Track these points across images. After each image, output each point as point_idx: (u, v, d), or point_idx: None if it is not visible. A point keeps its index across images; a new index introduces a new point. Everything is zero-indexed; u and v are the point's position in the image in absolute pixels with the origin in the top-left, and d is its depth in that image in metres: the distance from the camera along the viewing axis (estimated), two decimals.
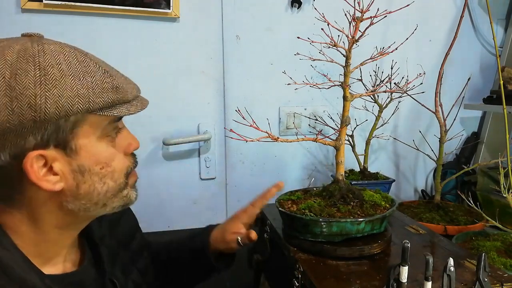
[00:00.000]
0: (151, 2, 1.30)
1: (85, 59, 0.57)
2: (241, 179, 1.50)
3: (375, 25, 1.51)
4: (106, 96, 0.56)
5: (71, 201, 0.58)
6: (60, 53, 0.55)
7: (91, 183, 0.58)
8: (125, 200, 0.64)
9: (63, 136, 0.54)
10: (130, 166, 0.64)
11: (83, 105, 0.54)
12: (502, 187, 1.07)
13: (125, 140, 0.64)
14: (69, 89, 0.53)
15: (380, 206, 0.93)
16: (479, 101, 1.64)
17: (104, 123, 0.59)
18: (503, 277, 0.80)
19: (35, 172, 0.53)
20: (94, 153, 0.58)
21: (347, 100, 0.95)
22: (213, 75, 1.43)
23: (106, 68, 0.59)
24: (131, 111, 0.60)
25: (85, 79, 0.55)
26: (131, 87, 0.61)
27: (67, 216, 0.60)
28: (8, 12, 1.22)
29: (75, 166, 0.57)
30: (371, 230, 0.89)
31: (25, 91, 0.51)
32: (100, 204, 0.61)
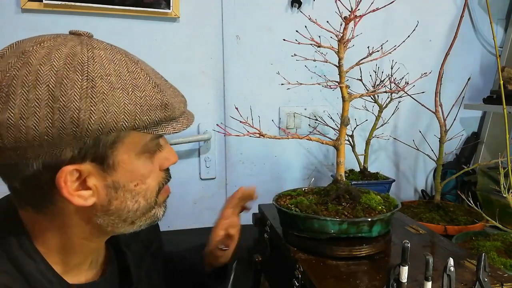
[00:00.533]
0: (151, 2, 1.30)
1: (136, 69, 0.53)
2: (241, 179, 1.50)
3: (375, 25, 1.52)
4: (154, 114, 0.52)
5: (101, 216, 0.55)
6: (111, 62, 0.51)
7: (123, 200, 0.55)
8: (153, 218, 0.61)
9: (102, 151, 0.51)
10: (162, 182, 0.61)
11: (129, 122, 0.50)
12: (502, 187, 1.07)
13: (164, 155, 0.61)
14: (116, 104, 0.49)
15: (375, 210, 0.91)
16: (479, 101, 1.64)
17: (147, 140, 0.55)
18: (503, 277, 0.80)
19: (68, 188, 0.50)
20: (131, 169, 0.54)
21: (345, 100, 0.95)
22: (213, 75, 1.43)
23: (157, 80, 0.55)
24: (176, 129, 0.56)
25: (134, 94, 0.50)
26: (179, 102, 0.58)
27: (94, 229, 0.57)
28: (8, 12, 1.22)
29: (110, 182, 0.53)
30: (357, 232, 0.88)
31: (69, 104, 0.46)
32: (129, 221, 0.58)
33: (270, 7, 1.44)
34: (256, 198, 0.93)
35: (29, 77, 0.46)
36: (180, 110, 0.57)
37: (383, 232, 0.91)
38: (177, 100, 0.57)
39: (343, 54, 0.94)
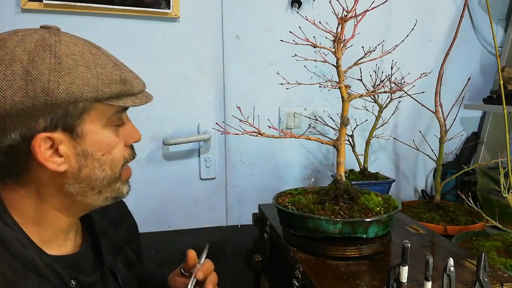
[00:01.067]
0: (151, 2, 1.30)
1: (97, 52, 0.61)
2: (241, 179, 1.50)
3: (375, 26, 1.52)
4: (114, 87, 0.60)
5: (72, 184, 0.62)
6: (75, 45, 0.59)
7: (92, 168, 0.62)
8: (117, 193, 0.67)
9: (71, 121, 0.58)
10: (127, 157, 0.68)
11: (92, 93, 0.58)
12: (502, 187, 1.07)
13: (127, 131, 0.67)
14: (80, 78, 0.57)
15: (372, 211, 0.91)
16: (479, 101, 1.64)
17: (110, 113, 0.62)
18: (503, 277, 0.80)
19: (42, 153, 0.57)
20: (98, 139, 0.62)
21: (345, 100, 0.95)
22: (213, 75, 1.43)
23: (116, 62, 0.63)
24: (136, 103, 0.64)
25: (95, 70, 0.59)
26: (137, 81, 0.65)
27: (66, 199, 0.63)
28: (8, 12, 1.22)
29: (79, 150, 0.60)
30: (352, 233, 0.88)
31: (40, 76, 0.54)
32: (96, 190, 0.64)
33: (270, 7, 1.44)
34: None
35: (6, 56, 0.55)
36: (138, 88, 0.65)
37: (380, 233, 0.91)
38: (136, 80, 0.65)
39: (341, 54, 0.94)
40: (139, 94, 0.65)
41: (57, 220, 0.64)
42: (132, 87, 0.63)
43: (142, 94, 0.66)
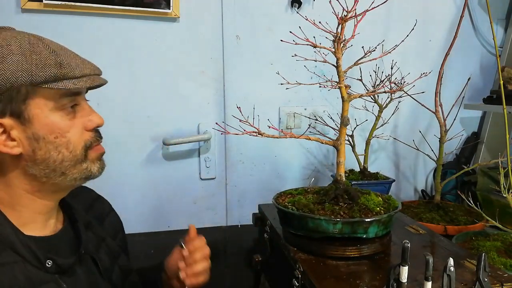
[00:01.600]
0: (151, 2, 1.30)
1: (37, 42, 0.65)
2: (241, 179, 1.50)
3: (375, 25, 1.52)
4: (48, 71, 0.63)
5: (31, 166, 0.65)
6: (14, 37, 0.63)
7: (46, 150, 0.65)
8: (86, 172, 0.70)
9: (16, 106, 0.62)
10: (90, 140, 0.70)
11: (26, 78, 0.61)
12: (502, 187, 1.07)
13: (86, 115, 0.70)
14: (14, 64, 0.61)
15: (372, 211, 0.91)
16: (479, 101, 1.64)
17: (56, 97, 0.65)
18: (503, 277, 0.80)
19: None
20: (47, 123, 0.65)
21: (344, 100, 0.95)
22: (213, 75, 1.43)
23: (57, 49, 0.66)
24: (77, 85, 0.66)
25: (30, 57, 0.62)
26: (81, 66, 0.67)
27: (33, 181, 0.67)
28: (8, 12, 1.22)
29: (30, 134, 0.64)
30: (352, 233, 0.88)
31: None
32: (58, 172, 0.67)
33: (270, 7, 1.44)
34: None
35: None
36: (81, 71, 0.67)
37: (380, 233, 0.91)
38: (81, 65, 0.68)
39: (341, 54, 0.94)
40: (82, 78, 0.67)
41: (32, 203, 0.68)
42: (71, 71, 0.65)
43: (88, 78, 0.68)
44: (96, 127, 0.72)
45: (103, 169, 0.74)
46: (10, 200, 0.67)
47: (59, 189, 0.71)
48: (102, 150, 0.73)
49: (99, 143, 0.72)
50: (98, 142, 0.72)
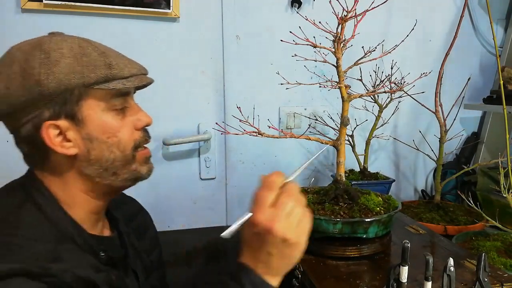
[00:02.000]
0: (151, 2, 1.30)
1: (87, 45, 0.67)
2: (241, 179, 1.50)
3: (375, 25, 1.52)
4: (99, 72, 0.65)
5: (86, 166, 0.68)
6: (64, 41, 0.66)
7: (100, 150, 0.67)
8: (135, 174, 0.72)
9: (70, 108, 0.65)
10: (139, 140, 0.72)
11: (79, 79, 0.63)
12: (502, 187, 1.07)
13: (134, 115, 0.72)
14: (67, 67, 0.63)
15: (372, 211, 0.91)
16: (479, 101, 1.64)
17: (107, 97, 0.67)
18: (503, 277, 0.80)
19: (50, 139, 0.64)
20: (99, 123, 0.67)
21: (344, 100, 0.95)
22: (213, 75, 1.43)
23: (105, 51, 0.68)
24: (127, 85, 0.68)
25: (81, 59, 0.64)
26: (129, 66, 0.70)
27: (87, 181, 0.69)
28: (8, 12, 1.22)
29: (84, 134, 0.66)
30: (352, 232, 0.88)
31: (32, 71, 0.62)
32: (110, 172, 0.69)
33: (270, 7, 1.44)
34: None
35: (8, 60, 0.64)
36: (130, 71, 0.69)
37: (380, 233, 0.91)
38: (129, 65, 0.70)
39: (341, 54, 0.94)
40: (131, 78, 0.69)
41: (85, 202, 0.71)
42: (120, 71, 0.67)
43: (136, 77, 0.70)
44: (145, 126, 0.73)
45: (152, 171, 0.75)
46: (67, 198, 0.69)
47: (111, 190, 0.73)
48: (148, 154, 0.74)
49: (147, 142, 0.74)
50: (147, 141, 0.74)
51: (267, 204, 0.62)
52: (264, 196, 0.63)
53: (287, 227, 0.60)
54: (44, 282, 0.57)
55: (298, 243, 0.62)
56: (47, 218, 0.65)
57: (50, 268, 0.58)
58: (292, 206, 0.61)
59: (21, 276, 0.55)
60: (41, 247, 0.61)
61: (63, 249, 0.62)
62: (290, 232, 0.60)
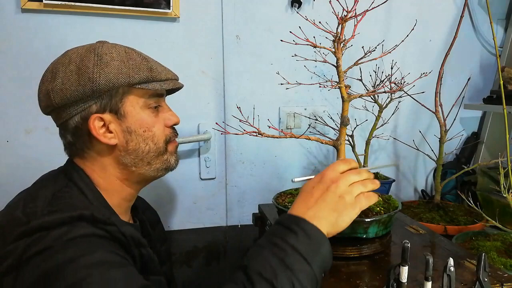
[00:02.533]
0: (151, 2, 1.30)
1: (131, 51, 0.79)
2: (241, 179, 1.50)
3: (375, 25, 1.52)
4: (142, 74, 0.76)
5: (124, 155, 0.78)
6: (113, 47, 0.77)
7: (137, 142, 0.78)
8: (166, 163, 0.83)
9: (115, 104, 0.75)
10: (169, 135, 0.83)
11: (125, 79, 0.74)
12: (502, 187, 1.07)
13: (166, 115, 0.83)
14: (116, 68, 0.74)
15: (372, 211, 0.91)
16: (479, 101, 1.64)
17: (145, 96, 0.79)
18: (503, 277, 0.80)
19: (96, 129, 0.74)
20: (138, 118, 0.78)
21: (344, 100, 0.95)
22: (213, 75, 1.43)
23: (146, 57, 0.80)
24: (163, 86, 0.79)
25: (128, 62, 0.76)
26: (165, 71, 0.82)
27: (124, 170, 0.79)
28: (8, 12, 1.22)
29: (124, 127, 0.77)
30: (352, 233, 0.88)
31: (87, 70, 0.73)
32: (145, 161, 0.80)
33: (270, 7, 1.44)
34: None
35: (65, 61, 0.75)
36: (166, 76, 0.81)
37: (380, 233, 0.91)
38: (165, 70, 0.82)
39: (341, 54, 0.94)
40: (166, 81, 0.81)
41: (121, 189, 0.80)
42: (159, 75, 0.79)
43: (170, 81, 0.82)
44: (174, 125, 0.84)
45: (178, 161, 0.86)
46: (105, 184, 0.78)
47: (144, 179, 0.83)
48: (176, 144, 0.86)
49: (176, 138, 0.85)
50: (176, 137, 0.85)
51: (339, 170, 0.72)
52: (338, 164, 0.73)
53: (347, 190, 0.69)
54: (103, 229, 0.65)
55: (351, 207, 0.68)
56: (89, 201, 0.73)
57: (110, 217, 0.68)
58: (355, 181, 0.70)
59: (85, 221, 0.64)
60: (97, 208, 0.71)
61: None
62: (348, 195, 0.68)
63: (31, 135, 1.28)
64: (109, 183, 0.79)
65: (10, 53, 1.23)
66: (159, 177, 0.84)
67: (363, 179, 0.72)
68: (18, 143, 1.27)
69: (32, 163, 1.27)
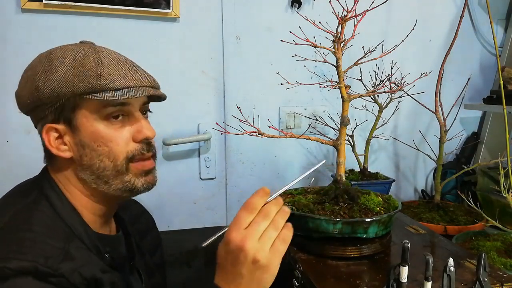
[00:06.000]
0: (151, 2, 1.30)
1: (92, 54, 0.68)
2: (241, 179, 1.50)
3: (375, 25, 1.52)
4: (87, 82, 0.65)
5: (80, 170, 0.70)
6: (72, 51, 0.68)
7: (91, 157, 0.69)
8: (129, 185, 0.71)
9: (68, 114, 0.68)
10: (133, 152, 0.70)
11: (69, 88, 0.65)
12: (502, 187, 1.07)
13: (135, 127, 0.71)
14: (62, 76, 0.65)
15: (372, 211, 0.91)
16: (479, 101, 1.64)
17: (99, 107, 0.68)
18: (503, 277, 0.80)
19: (49, 140, 0.68)
20: (92, 131, 0.68)
21: (344, 100, 0.95)
22: (213, 75, 1.43)
23: (108, 61, 0.68)
24: (115, 97, 0.66)
25: (78, 69, 0.66)
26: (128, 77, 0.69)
27: (85, 185, 0.71)
28: (8, 12, 1.22)
29: (78, 140, 0.69)
30: (352, 233, 0.88)
31: (36, 77, 0.66)
32: (102, 180, 0.70)
33: (270, 7, 1.44)
34: None
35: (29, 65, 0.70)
36: (124, 84, 0.68)
37: (380, 233, 0.91)
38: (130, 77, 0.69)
39: (341, 54, 0.94)
40: (123, 90, 0.67)
41: (89, 205, 0.72)
42: (111, 82, 0.66)
43: (130, 90, 0.68)
44: (145, 140, 0.72)
45: (151, 184, 0.75)
46: (73, 199, 0.71)
47: (108, 197, 0.73)
48: (147, 166, 0.73)
49: (144, 156, 0.72)
50: (143, 155, 0.72)
51: (243, 225, 0.60)
52: (241, 216, 0.61)
53: (258, 248, 0.59)
54: (51, 282, 0.58)
55: (268, 266, 0.61)
56: (59, 216, 0.67)
57: (59, 268, 0.59)
58: (265, 228, 0.61)
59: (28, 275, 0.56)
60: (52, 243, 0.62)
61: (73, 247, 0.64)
62: (260, 253, 0.59)
63: (31, 135, 1.27)
64: (77, 199, 0.71)
65: (10, 53, 1.23)
66: (125, 198, 0.74)
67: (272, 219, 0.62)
68: (18, 143, 1.27)
69: (32, 163, 1.26)
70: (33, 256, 0.58)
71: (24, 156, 1.27)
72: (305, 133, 1.05)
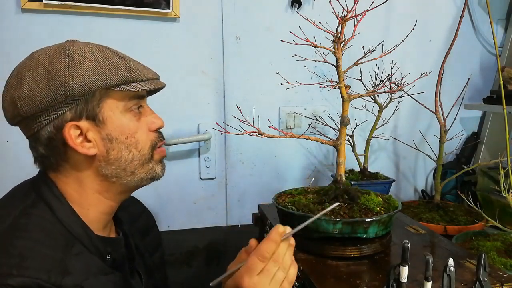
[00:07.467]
0: (151, 2, 1.30)
1: (105, 50, 0.70)
2: (241, 179, 1.50)
3: (375, 25, 1.52)
4: (120, 74, 0.68)
5: (104, 166, 0.70)
6: (86, 46, 0.69)
7: (119, 150, 0.70)
8: (151, 173, 0.75)
9: (92, 110, 0.67)
10: (154, 140, 0.75)
11: (102, 81, 0.66)
12: (502, 187, 1.07)
13: (149, 118, 0.75)
14: (90, 69, 0.66)
15: (372, 211, 0.91)
16: (479, 101, 1.64)
17: (125, 99, 0.70)
18: (503, 277, 0.80)
19: (72, 139, 0.67)
20: (119, 124, 0.70)
21: (344, 100, 0.95)
22: (213, 75, 1.43)
23: (123, 55, 0.71)
24: (145, 87, 0.71)
25: (104, 62, 0.68)
26: (146, 70, 0.73)
27: (104, 181, 0.71)
28: (8, 12, 1.22)
29: (104, 135, 0.69)
30: (352, 233, 0.88)
31: (58, 73, 0.65)
32: (128, 171, 0.72)
33: (270, 7, 1.44)
34: None
35: (32, 64, 0.66)
36: (147, 75, 0.73)
37: (380, 233, 0.91)
38: (145, 70, 0.73)
39: (341, 54, 0.94)
40: (148, 81, 0.72)
41: (98, 203, 0.72)
42: (139, 74, 0.70)
43: (152, 81, 0.73)
44: (158, 129, 0.76)
45: (165, 169, 0.79)
46: (79, 198, 0.71)
47: (126, 189, 0.75)
48: (164, 153, 0.78)
49: (162, 143, 0.77)
50: (162, 142, 0.77)
51: (256, 271, 0.62)
52: (254, 263, 0.62)
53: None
54: None
55: None
56: (58, 220, 0.66)
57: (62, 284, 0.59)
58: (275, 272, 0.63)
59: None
60: (52, 254, 0.61)
61: (74, 253, 0.64)
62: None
63: None
64: (84, 198, 0.71)
65: (10, 53, 1.23)
66: (142, 186, 0.76)
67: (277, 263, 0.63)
68: (18, 143, 1.27)
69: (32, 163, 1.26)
70: (35, 271, 0.58)
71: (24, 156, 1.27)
72: (305, 133, 1.05)
